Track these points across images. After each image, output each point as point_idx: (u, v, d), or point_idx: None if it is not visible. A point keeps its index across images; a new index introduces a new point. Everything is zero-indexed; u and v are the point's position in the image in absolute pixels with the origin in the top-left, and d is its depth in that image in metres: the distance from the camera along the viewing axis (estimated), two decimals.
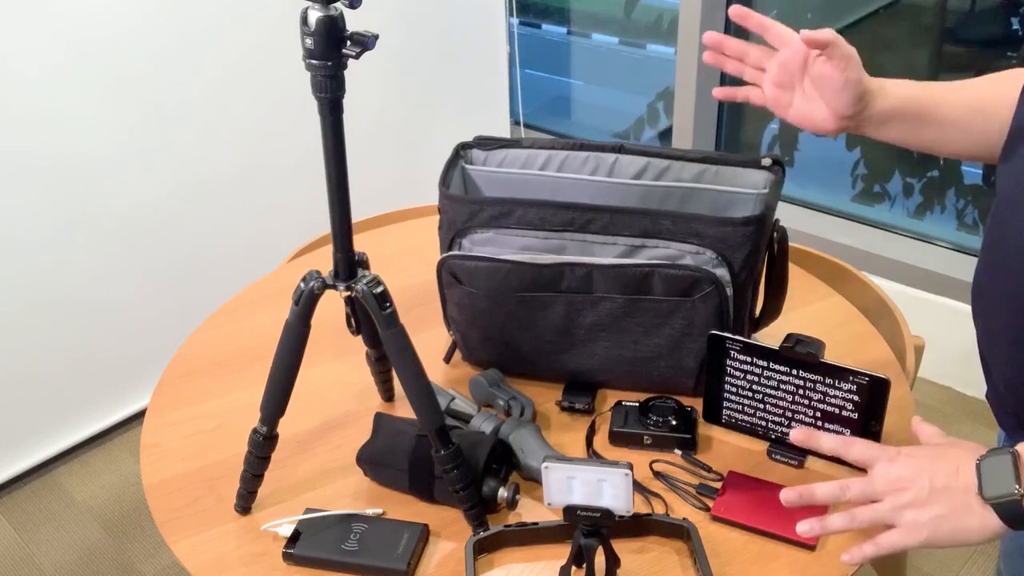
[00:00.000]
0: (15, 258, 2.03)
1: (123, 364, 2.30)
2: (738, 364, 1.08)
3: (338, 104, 0.89)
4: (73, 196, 2.07)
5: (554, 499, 0.89)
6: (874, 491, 0.84)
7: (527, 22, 3.43)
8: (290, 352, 0.99)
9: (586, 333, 1.16)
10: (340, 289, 0.97)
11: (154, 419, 1.22)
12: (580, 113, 3.50)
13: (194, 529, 1.05)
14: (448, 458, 0.98)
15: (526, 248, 1.14)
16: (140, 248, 2.23)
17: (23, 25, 1.89)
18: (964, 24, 2.38)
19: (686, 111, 2.79)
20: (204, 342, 1.37)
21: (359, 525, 1.02)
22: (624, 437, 1.13)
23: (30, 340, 2.11)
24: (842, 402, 1.03)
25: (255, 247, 2.46)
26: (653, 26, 3.12)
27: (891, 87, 0.97)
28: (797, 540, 0.99)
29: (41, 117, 1.97)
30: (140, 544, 2.08)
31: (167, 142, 2.19)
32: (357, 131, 2.55)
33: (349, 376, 1.28)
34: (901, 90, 0.97)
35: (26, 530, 2.13)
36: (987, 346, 0.94)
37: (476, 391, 1.20)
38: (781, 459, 1.10)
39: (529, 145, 1.25)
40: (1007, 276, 0.87)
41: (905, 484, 0.82)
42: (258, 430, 1.02)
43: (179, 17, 2.11)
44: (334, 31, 0.85)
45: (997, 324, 0.90)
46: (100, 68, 2.02)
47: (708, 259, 1.10)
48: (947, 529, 0.80)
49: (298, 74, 2.35)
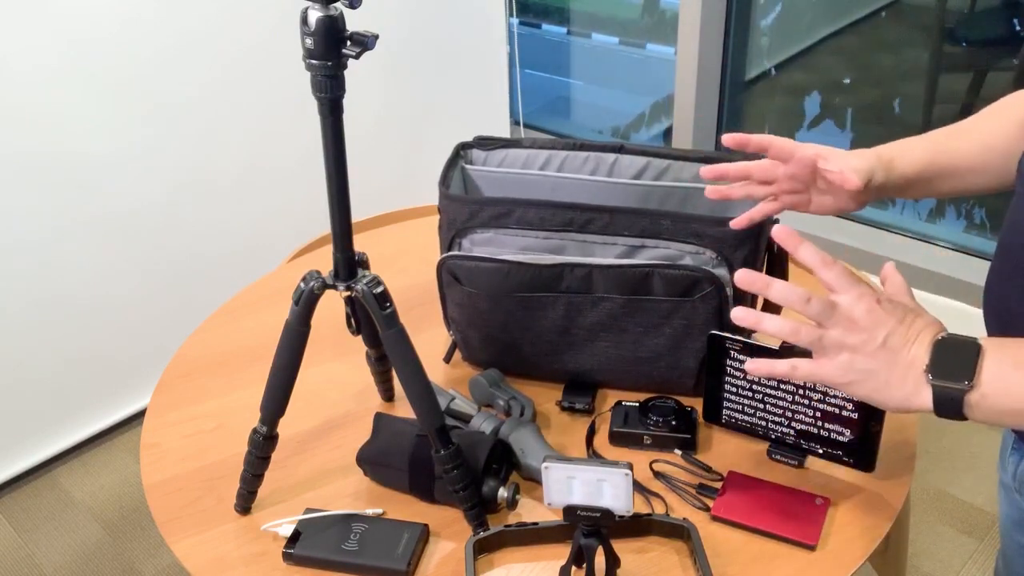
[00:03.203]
0: (15, 258, 2.03)
1: (123, 364, 2.30)
2: (738, 364, 1.08)
3: (338, 104, 0.89)
4: (73, 196, 2.07)
5: (554, 499, 0.89)
6: (829, 317, 0.80)
7: (527, 22, 3.43)
8: (290, 352, 0.99)
9: (586, 333, 1.16)
10: (340, 289, 0.97)
11: (154, 419, 1.22)
12: (580, 113, 3.50)
13: (194, 529, 1.05)
14: (448, 458, 0.98)
15: (526, 248, 1.14)
16: (140, 248, 2.23)
17: (23, 25, 1.89)
18: (964, 24, 2.38)
19: (686, 111, 2.79)
20: (204, 342, 1.37)
21: (359, 525, 1.02)
22: (624, 437, 1.13)
23: (30, 340, 2.11)
24: (842, 402, 1.03)
25: (255, 247, 2.46)
26: (655, 26, 3.12)
27: (901, 159, 0.99)
28: (797, 540, 0.99)
29: (41, 117, 1.97)
30: (140, 544, 2.08)
31: (167, 142, 2.19)
32: (357, 131, 2.55)
33: (349, 376, 1.28)
34: (913, 156, 0.99)
35: (26, 530, 2.13)
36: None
37: (476, 391, 1.20)
38: (781, 459, 1.10)
39: (529, 145, 1.25)
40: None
41: (860, 328, 0.79)
42: (258, 430, 1.02)
43: (179, 17, 2.11)
44: (334, 31, 0.85)
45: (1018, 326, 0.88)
46: (100, 68, 2.02)
47: (708, 259, 1.10)
48: (872, 387, 0.79)
49: (298, 74, 2.35)
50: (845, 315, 0.79)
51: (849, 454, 1.05)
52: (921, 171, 1.00)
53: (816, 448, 1.07)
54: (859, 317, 0.79)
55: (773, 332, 0.81)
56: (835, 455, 1.06)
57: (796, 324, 0.80)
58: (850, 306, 0.80)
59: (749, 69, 2.81)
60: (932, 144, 1.00)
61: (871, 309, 0.79)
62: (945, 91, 2.45)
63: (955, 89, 2.43)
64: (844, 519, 1.02)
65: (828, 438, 1.06)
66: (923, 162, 1.00)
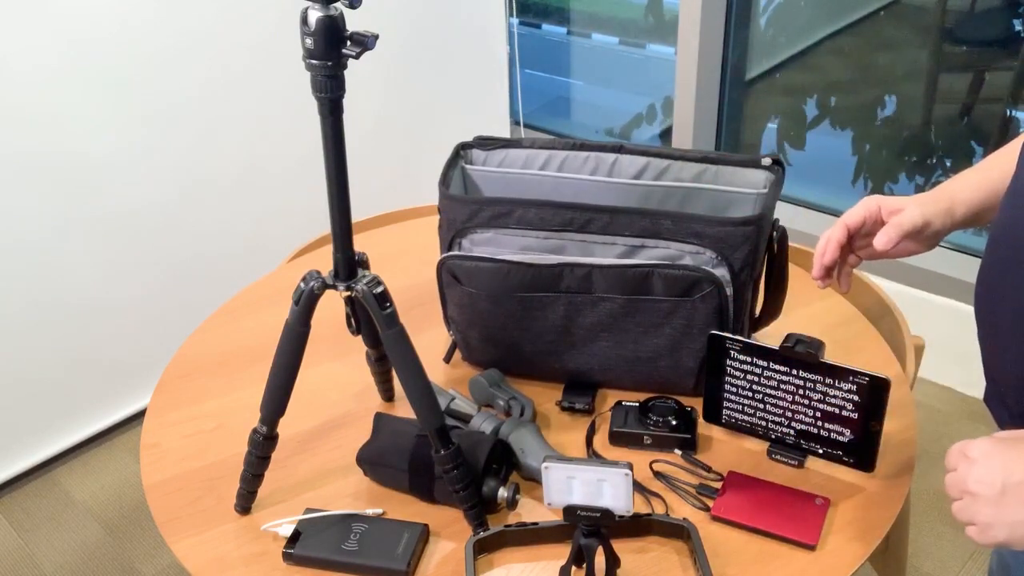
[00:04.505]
0: (15, 258, 2.03)
1: (123, 364, 2.30)
2: (738, 364, 1.08)
3: (338, 104, 0.89)
4: (73, 196, 2.07)
5: (554, 499, 0.89)
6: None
7: (527, 22, 3.43)
8: (290, 352, 0.99)
9: (586, 333, 1.16)
10: (340, 289, 0.97)
11: (154, 419, 1.22)
12: (580, 113, 3.50)
13: (194, 529, 1.05)
14: (448, 458, 0.98)
15: (526, 248, 1.14)
16: (140, 248, 2.23)
17: (23, 25, 1.89)
18: (964, 24, 2.38)
19: (686, 111, 2.79)
20: (204, 342, 1.37)
21: (359, 525, 1.02)
22: (624, 437, 1.13)
23: (30, 340, 2.11)
24: (842, 402, 1.03)
25: (255, 247, 2.46)
26: (656, 26, 3.12)
27: (960, 204, 1.01)
28: (797, 540, 0.99)
29: (41, 117, 1.97)
30: (140, 544, 2.08)
31: (167, 142, 2.19)
32: (357, 131, 2.55)
33: (349, 376, 1.28)
34: (967, 196, 1.01)
35: (26, 530, 2.13)
36: (991, 347, 0.94)
37: (476, 391, 1.20)
38: (781, 459, 1.10)
39: (529, 145, 1.25)
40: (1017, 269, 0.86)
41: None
42: (258, 430, 1.02)
43: (179, 17, 2.11)
44: (334, 31, 0.85)
45: (1006, 322, 0.89)
46: (100, 68, 2.03)
47: (708, 259, 1.10)
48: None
49: (298, 74, 2.35)
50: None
51: (849, 454, 1.05)
52: (977, 211, 1.01)
53: (816, 448, 1.07)
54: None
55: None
56: (835, 455, 1.06)
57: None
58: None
59: (749, 69, 2.81)
60: (986, 181, 1.01)
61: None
62: (945, 91, 2.45)
63: (955, 89, 2.43)
64: (844, 519, 1.02)
65: (828, 438, 1.06)
66: (977, 201, 1.01)
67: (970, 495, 0.78)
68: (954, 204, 1.01)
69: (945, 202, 1.01)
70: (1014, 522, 0.76)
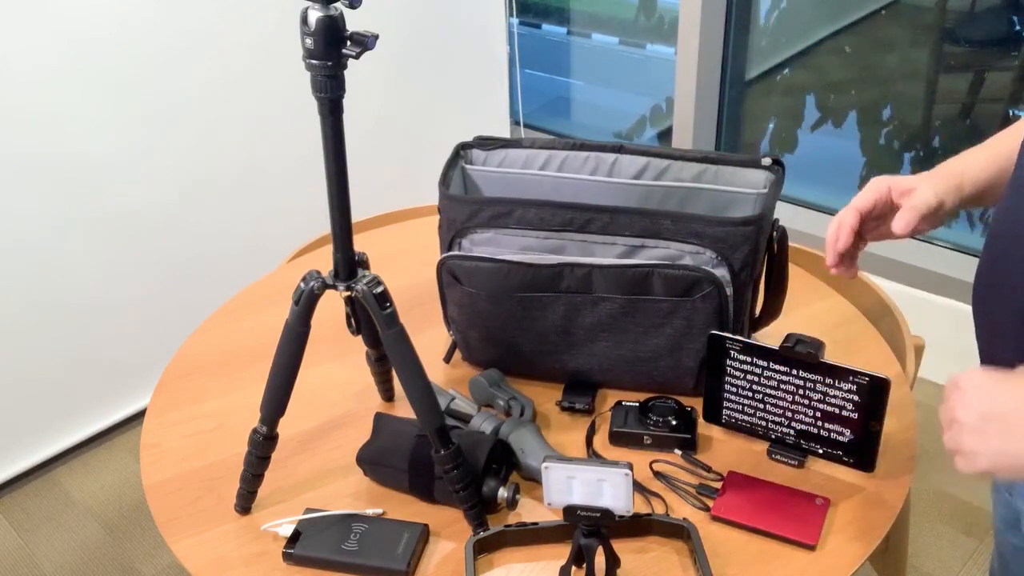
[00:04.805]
0: (15, 258, 2.03)
1: (123, 364, 2.30)
2: (738, 364, 1.08)
3: (338, 104, 0.89)
4: (73, 196, 2.07)
5: (554, 499, 0.89)
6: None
7: (527, 22, 3.43)
8: (290, 352, 0.99)
9: (586, 333, 1.16)
10: (340, 289, 0.97)
11: (154, 419, 1.22)
12: (580, 113, 3.50)
13: (194, 529, 1.05)
14: (448, 458, 0.98)
15: (526, 248, 1.14)
16: (140, 248, 2.23)
17: (23, 25, 1.89)
18: (964, 24, 2.38)
19: (686, 111, 2.79)
20: (204, 342, 1.37)
21: (359, 525, 1.02)
22: (624, 437, 1.13)
23: (30, 340, 2.11)
24: (842, 402, 1.03)
25: (255, 247, 2.45)
26: (656, 26, 3.12)
27: (968, 182, 1.00)
28: (797, 540, 0.99)
29: (41, 117, 1.97)
30: (140, 544, 2.08)
31: (167, 142, 2.19)
32: (357, 131, 2.55)
33: (349, 376, 1.28)
34: (975, 175, 1.01)
35: (26, 530, 2.13)
36: (989, 342, 0.94)
37: (476, 391, 1.20)
38: (781, 459, 1.10)
39: (529, 145, 1.25)
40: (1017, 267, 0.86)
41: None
42: (258, 430, 1.02)
43: (179, 17, 2.11)
44: (334, 31, 0.85)
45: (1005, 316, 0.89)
46: (100, 68, 2.02)
47: (708, 259, 1.10)
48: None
49: (298, 74, 2.35)
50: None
51: (849, 454, 1.05)
52: (985, 188, 1.01)
53: (816, 448, 1.07)
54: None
55: None
56: (835, 455, 1.06)
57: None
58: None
59: (749, 69, 2.81)
60: (995, 157, 1.01)
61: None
62: (945, 91, 2.45)
63: (955, 89, 2.43)
64: (844, 519, 1.02)
65: (828, 438, 1.06)
66: (987, 180, 1.01)
67: (957, 424, 0.79)
68: (963, 182, 1.00)
69: (955, 179, 1.01)
70: (997, 451, 0.76)
